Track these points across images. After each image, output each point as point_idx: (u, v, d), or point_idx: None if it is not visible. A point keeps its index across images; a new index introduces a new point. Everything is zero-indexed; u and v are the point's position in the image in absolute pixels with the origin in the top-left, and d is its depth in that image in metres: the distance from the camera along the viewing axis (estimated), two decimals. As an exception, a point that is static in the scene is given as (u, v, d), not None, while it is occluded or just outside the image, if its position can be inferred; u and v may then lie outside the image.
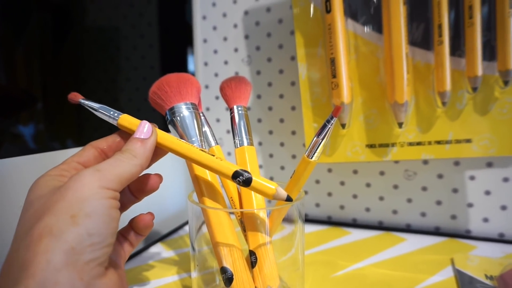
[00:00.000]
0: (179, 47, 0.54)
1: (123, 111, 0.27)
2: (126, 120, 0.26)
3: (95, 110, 0.27)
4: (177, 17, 0.54)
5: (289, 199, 0.24)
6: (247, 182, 0.24)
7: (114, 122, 0.26)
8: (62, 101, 0.42)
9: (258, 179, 0.24)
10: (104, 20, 0.50)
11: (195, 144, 0.27)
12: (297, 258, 0.28)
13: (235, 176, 0.24)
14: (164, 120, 0.29)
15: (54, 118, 0.43)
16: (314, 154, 0.26)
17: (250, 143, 0.30)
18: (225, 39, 0.50)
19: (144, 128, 0.25)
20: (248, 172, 0.24)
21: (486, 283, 0.31)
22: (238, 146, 0.30)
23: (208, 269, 0.29)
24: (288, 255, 0.28)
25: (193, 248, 0.28)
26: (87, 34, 0.46)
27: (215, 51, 0.51)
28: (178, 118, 0.28)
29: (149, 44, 0.54)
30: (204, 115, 0.32)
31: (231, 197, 0.30)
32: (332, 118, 0.25)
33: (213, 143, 0.31)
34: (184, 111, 0.28)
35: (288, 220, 0.28)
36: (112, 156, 0.23)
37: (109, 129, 0.50)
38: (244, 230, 0.28)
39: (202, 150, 0.25)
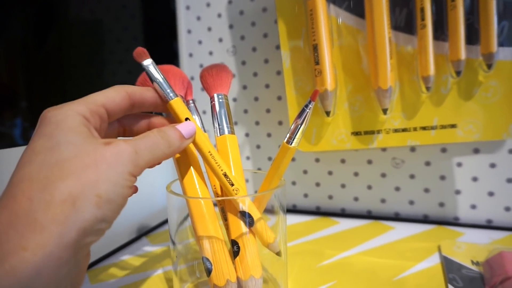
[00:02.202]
0: (164, 38, 0.53)
1: None
2: (178, 104, 0.26)
3: (153, 80, 0.26)
4: (161, 8, 0.53)
5: (280, 254, 0.26)
6: (250, 224, 0.25)
7: (165, 100, 0.26)
8: (46, 97, 0.42)
9: (264, 225, 0.25)
10: (87, 13, 0.49)
11: None
12: (280, 248, 0.28)
13: (244, 215, 0.25)
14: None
15: (39, 114, 0.42)
16: (293, 140, 0.25)
17: (231, 132, 0.29)
18: (209, 29, 0.50)
19: (190, 127, 0.24)
20: (252, 218, 0.25)
21: (472, 269, 0.31)
22: (219, 134, 0.29)
23: (188, 262, 0.28)
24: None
25: (173, 242, 0.27)
26: (70, 27, 0.46)
27: (200, 42, 0.51)
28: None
29: (133, 36, 0.53)
30: (194, 103, 0.31)
31: (214, 185, 0.29)
32: (310, 102, 0.25)
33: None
34: None
35: (269, 210, 0.27)
36: (147, 132, 0.22)
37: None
38: (225, 219, 0.27)
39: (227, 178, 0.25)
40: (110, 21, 0.51)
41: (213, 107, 0.30)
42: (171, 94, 0.26)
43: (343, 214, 0.47)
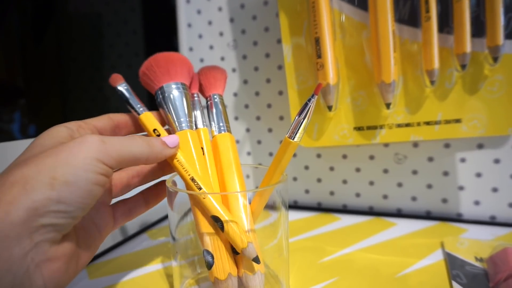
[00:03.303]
0: (164, 32, 0.53)
1: (109, 101, 0.27)
2: (147, 117, 0.27)
3: (125, 100, 0.28)
4: (161, 1, 0.53)
5: (256, 260, 0.24)
6: (221, 229, 0.24)
7: (136, 115, 0.27)
8: (45, 91, 0.41)
9: (236, 229, 0.24)
10: (86, 7, 0.49)
11: (183, 125, 0.27)
12: (282, 244, 0.27)
13: (214, 220, 0.24)
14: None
15: (38, 109, 0.42)
16: (296, 134, 0.25)
17: (227, 130, 0.29)
18: (209, 23, 0.49)
19: (173, 138, 0.25)
20: (221, 222, 0.24)
21: (476, 265, 0.30)
22: (216, 133, 0.29)
23: (189, 258, 0.28)
24: (273, 242, 0.27)
25: (173, 238, 0.27)
26: (69, 21, 0.45)
27: (200, 36, 0.50)
28: (167, 98, 0.27)
29: (133, 30, 0.52)
30: (199, 97, 0.31)
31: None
32: (313, 96, 0.24)
33: (201, 125, 0.30)
34: (174, 91, 0.27)
35: (271, 206, 0.27)
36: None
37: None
38: None
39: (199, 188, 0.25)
40: (109, 14, 0.50)
41: (209, 106, 0.30)
42: (141, 109, 0.27)
43: (344, 210, 0.46)
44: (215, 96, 0.30)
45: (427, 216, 0.43)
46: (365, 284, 0.29)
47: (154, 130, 0.26)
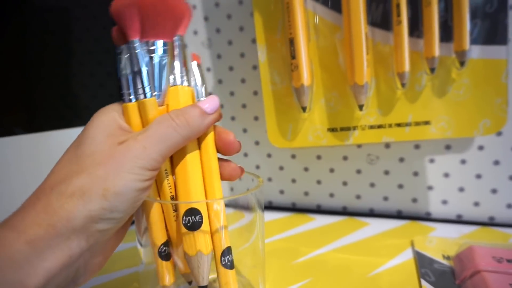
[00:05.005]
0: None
1: (78, 98, 0.24)
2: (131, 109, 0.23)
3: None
4: (133, -2, 0.51)
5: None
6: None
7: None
8: (8, 87, 0.39)
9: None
10: (53, 1, 0.46)
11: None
12: (257, 246, 0.27)
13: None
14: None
15: (2, 106, 0.39)
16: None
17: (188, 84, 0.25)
18: (183, 21, 0.48)
19: (213, 100, 0.23)
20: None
21: (443, 263, 0.31)
22: (171, 84, 0.24)
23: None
24: (248, 244, 0.27)
25: (140, 244, 0.26)
26: (35, 15, 0.43)
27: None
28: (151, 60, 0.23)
29: (103, 26, 0.50)
30: (181, 40, 0.24)
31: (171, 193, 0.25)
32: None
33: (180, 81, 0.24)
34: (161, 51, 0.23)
35: (245, 207, 0.26)
36: (162, 116, 0.22)
37: (62, 118, 0.47)
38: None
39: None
40: (78, 9, 0.48)
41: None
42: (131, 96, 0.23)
43: (318, 210, 0.47)
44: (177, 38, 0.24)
45: (398, 215, 0.44)
46: (338, 284, 0.29)
47: None
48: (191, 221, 0.22)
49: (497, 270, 0.27)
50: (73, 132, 0.41)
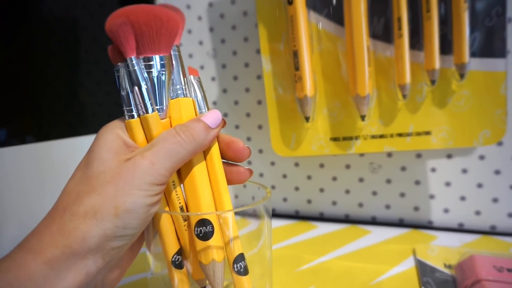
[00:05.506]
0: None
1: (84, 107, 0.24)
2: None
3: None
4: (140, 9, 0.52)
5: None
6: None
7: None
8: (18, 96, 0.40)
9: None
10: (61, 11, 0.48)
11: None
12: (265, 254, 0.27)
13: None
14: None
15: (12, 114, 0.40)
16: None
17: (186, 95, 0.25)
18: (189, 31, 0.49)
19: (214, 115, 0.24)
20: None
21: (445, 272, 0.32)
22: (173, 96, 0.25)
23: (164, 269, 0.27)
24: (254, 251, 0.28)
25: (149, 251, 0.27)
26: (43, 25, 0.44)
27: (180, 44, 0.50)
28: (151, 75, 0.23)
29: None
30: (178, 49, 0.25)
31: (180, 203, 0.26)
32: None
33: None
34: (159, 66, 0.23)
35: (252, 214, 0.27)
36: (167, 131, 0.22)
37: (69, 125, 0.48)
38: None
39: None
40: (85, 19, 0.50)
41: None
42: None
43: (321, 218, 0.47)
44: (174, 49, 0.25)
45: (400, 223, 0.44)
46: (341, 292, 0.30)
47: None
48: (203, 231, 0.23)
49: (498, 279, 0.27)
50: (79, 141, 0.42)
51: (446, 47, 0.34)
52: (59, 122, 0.46)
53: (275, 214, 0.49)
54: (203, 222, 0.23)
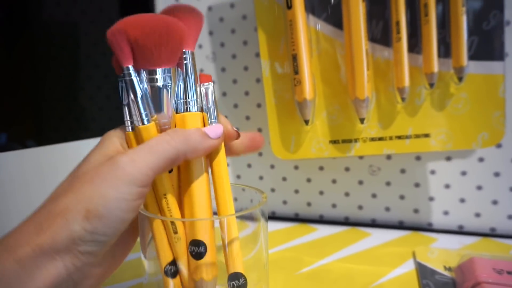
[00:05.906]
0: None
1: (84, 111, 0.24)
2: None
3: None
4: (140, 13, 0.53)
5: None
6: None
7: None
8: (19, 101, 0.40)
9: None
10: (62, 15, 0.48)
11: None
12: (262, 256, 0.27)
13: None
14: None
15: (12, 119, 0.40)
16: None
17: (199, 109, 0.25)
18: (189, 35, 0.49)
19: (216, 127, 0.23)
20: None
21: (444, 274, 0.32)
22: (182, 110, 0.24)
23: (159, 275, 0.27)
24: (251, 254, 0.28)
25: (144, 256, 0.27)
26: (44, 30, 0.44)
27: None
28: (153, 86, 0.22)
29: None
30: (192, 57, 0.24)
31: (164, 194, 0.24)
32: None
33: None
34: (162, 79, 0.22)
35: (249, 217, 0.27)
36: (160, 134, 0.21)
37: (70, 129, 0.48)
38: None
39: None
40: (86, 24, 0.50)
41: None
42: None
43: (321, 220, 0.47)
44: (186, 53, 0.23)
45: (400, 226, 0.45)
46: (341, 295, 0.30)
47: None
48: (195, 251, 0.23)
49: (498, 282, 0.27)
50: (80, 145, 0.42)
51: (445, 50, 0.34)
52: (59, 126, 0.47)
53: (275, 217, 0.49)
54: (196, 243, 0.23)
